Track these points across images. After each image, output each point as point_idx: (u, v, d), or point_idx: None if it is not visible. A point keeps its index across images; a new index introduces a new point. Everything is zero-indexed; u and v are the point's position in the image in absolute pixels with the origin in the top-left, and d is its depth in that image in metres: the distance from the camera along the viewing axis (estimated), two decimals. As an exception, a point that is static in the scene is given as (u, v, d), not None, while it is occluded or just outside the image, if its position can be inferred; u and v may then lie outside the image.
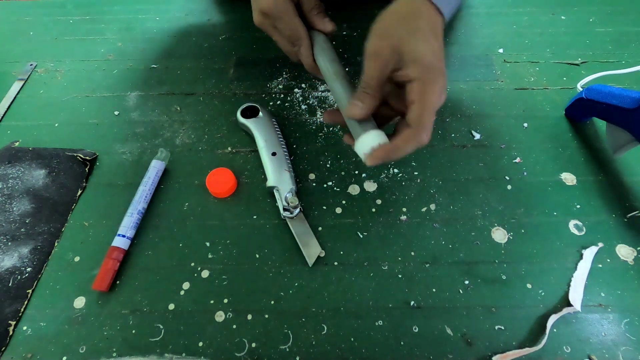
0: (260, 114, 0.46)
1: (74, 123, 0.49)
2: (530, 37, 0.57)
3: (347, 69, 0.40)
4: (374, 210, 0.41)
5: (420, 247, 0.39)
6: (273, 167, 0.41)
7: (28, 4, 0.64)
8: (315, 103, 0.50)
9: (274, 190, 0.41)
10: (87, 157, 0.45)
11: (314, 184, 0.43)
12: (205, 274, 0.38)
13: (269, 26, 0.38)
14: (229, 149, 0.46)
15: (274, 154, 0.42)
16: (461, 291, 0.37)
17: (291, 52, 0.39)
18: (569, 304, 0.35)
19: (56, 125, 0.49)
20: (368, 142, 0.31)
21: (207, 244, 0.39)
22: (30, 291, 0.37)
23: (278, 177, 0.41)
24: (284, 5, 0.36)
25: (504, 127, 0.47)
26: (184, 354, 0.34)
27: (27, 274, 0.37)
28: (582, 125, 0.47)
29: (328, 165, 0.44)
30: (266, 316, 0.36)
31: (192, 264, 0.38)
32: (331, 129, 0.48)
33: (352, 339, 0.34)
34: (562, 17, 0.59)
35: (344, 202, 0.42)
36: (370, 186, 0.43)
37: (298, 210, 0.40)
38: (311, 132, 0.47)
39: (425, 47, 0.31)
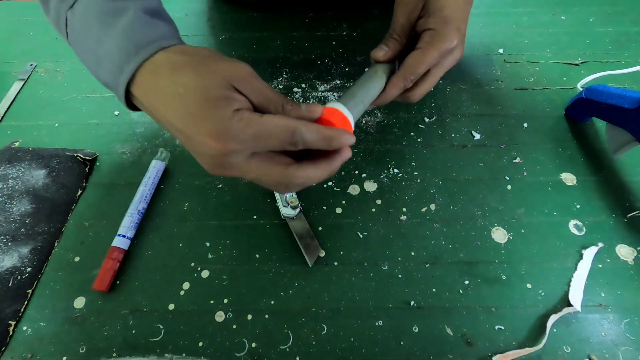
0: None
1: (74, 123, 0.49)
2: (530, 37, 0.57)
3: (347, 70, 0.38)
4: (374, 210, 0.41)
5: (420, 247, 0.39)
6: None
7: (28, 4, 0.64)
8: (315, 103, 0.50)
9: (274, 191, 0.41)
10: (87, 157, 0.45)
11: (314, 184, 0.43)
12: (205, 274, 0.38)
13: (240, 166, 0.25)
14: (229, 149, 0.46)
15: None
16: (461, 291, 0.37)
17: (284, 179, 0.26)
18: (569, 304, 0.35)
19: (56, 125, 0.49)
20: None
21: (207, 244, 0.39)
22: (30, 291, 0.37)
23: None
24: (246, 121, 0.24)
25: (504, 127, 0.47)
26: (184, 354, 0.34)
27: (27, 274, 0.37)
28: (582, 125, 0.47)
29: (328, 165, 0.44)
30: (266, 316, 0.36)
31: (192, 264, 0.38)
32: (331, 129, 0.48)
33: (352, 339, 0.34)
34: (562, 17, 0.59)
35: (344, 202, 0.42)
36: (370, 186, 0.43)
37: (298, 210, 0.40)
38: (311, 132, 0.47)
39: (449, 0, 0.31)
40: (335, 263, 0.38)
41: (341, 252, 0.39)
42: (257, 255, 0.39)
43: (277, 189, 0.28)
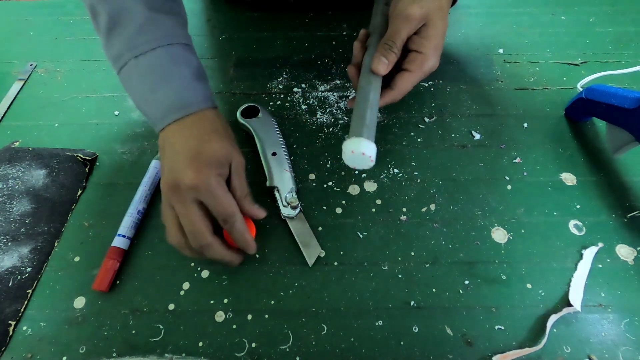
0: (260, 114, 0.46)
1: (74, 123, 0.49)
2: (530, 37, 0.57)
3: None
4: (374, 210, 0.41)
5: (420, 247, 0.39)
6: (273, 167, 0.41)
7: (28, 4, 0.64)
8: (315, 103, 0.50)
9: (274, 191, 0.41)
10: (87, 157, 0.45)
11: (314, 184, 0.43)
12: (205, 274, 0.38)
13: (190, 197, 0.32)
14: (229, 149, 0.46)
15: (274, 154, 0.42)
16: (461, 291, 0.37)
17: (206, 229, 0.33)
18: (569, 304, 0.35)
19: (56, 125, 0.49)
20: (355, 147, 0.31)
21: (207, 244, 0.39)
22: (30, 291, 0.37)
23: (278, 177, 0.41)
24: (220, 181, 0.33)
25: (504, 127, 0.47)
26: (184, 354, 0.34)
27: (27, 274, 0.37)
28: (582, 125, 0.47)
29: (328, 165, 0.44)
30: (266, 316, 0.36)
31: (192, 264, 0.38)
32: (331, 128, 0.48)
33: (352, 339, 0.34)
34: (562, 17, 0.59)
35: (344, 202, 0.42)
36: (370, 186, 0.43)
37: (298, 210, 0.40)
38: (311, 132, 0.47)
39: (441, 25, 0.35)
40: (335, 263, 0.38)
41: (341, 252, 0.39)
42: (257, 255, 0.39)
43: (186, 245, 0.34)
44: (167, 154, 0.34)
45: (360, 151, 0.31)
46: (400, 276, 0.37)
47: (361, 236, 0.40)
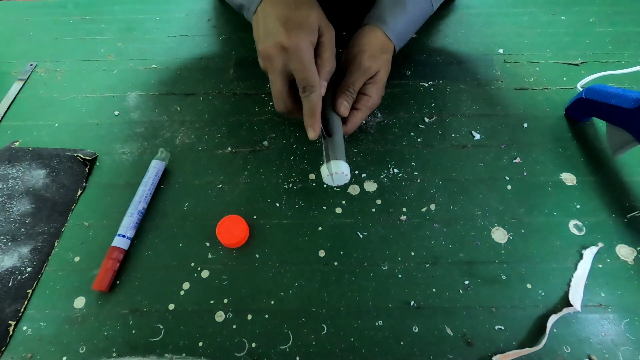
0: None
1: (74, 123, 0.49)
2: (530, 37, 0.57)
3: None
4: (374, 210, 0.41)
5: (420, 247, 0.39)
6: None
7: (28, 4, 0.64)
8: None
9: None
10: (87, 157, 0.45)
11: (314, 184, 0.43)
12: (205, 274, 0.38)
13: (279, 64, 0.37)
14: (229, 149, 0.46)
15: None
16: (461, 291, 0.37)
17: (285, 98, 0.39)
18: (569, 304, 0.35)
19: (56, 125, 0.49)
20: (338, 169, 0.37)
21: (207, 244, 0.39)
22: (30, 291, 0.37)
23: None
24: (309, 47, 0.36)
25: (504, 127, 0.47)
26: (184, 354, 0.34)
27: (27, 274, 0.37)
28: (582, 125, 0.47)
29: (328, 165, 0.44)
30: (266, 316, 0.36)
31: (192, 264, 0.38)
32: (331, 129, 0.48)
33: (352, 339, 0.34)
34: (562, 17, 0.59)
35: (344, 202, 0.42)
36: (370, 186, 0.43)
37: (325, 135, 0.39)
38: (311, 132, 0.47)
39: (386, 74, 0.43)
40: (335, 263, 0.38)
41: (341, 252, 0.39)
42: (257, 255, 0.39)
43: (274, 96, 0.39)
44: (261, 27, 0.37)
45: (341, 171, 0.36)
46: (400, 276, 0.37)
47: (361, 236, 0.40)
